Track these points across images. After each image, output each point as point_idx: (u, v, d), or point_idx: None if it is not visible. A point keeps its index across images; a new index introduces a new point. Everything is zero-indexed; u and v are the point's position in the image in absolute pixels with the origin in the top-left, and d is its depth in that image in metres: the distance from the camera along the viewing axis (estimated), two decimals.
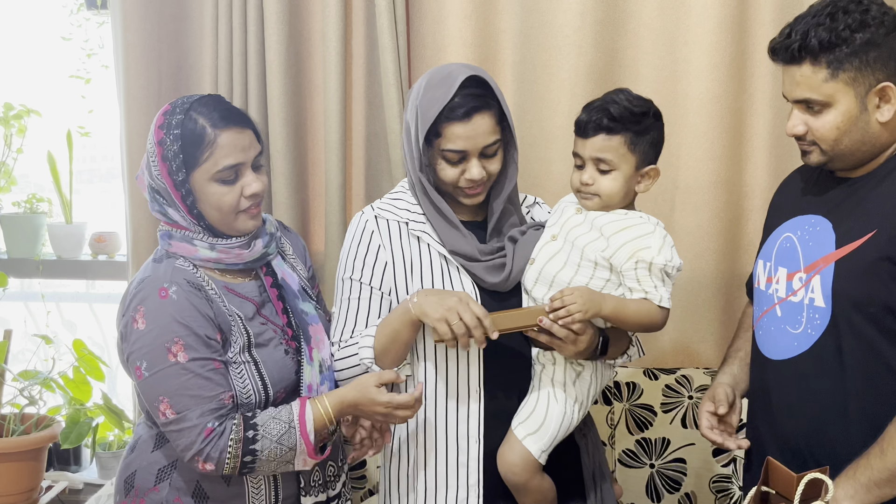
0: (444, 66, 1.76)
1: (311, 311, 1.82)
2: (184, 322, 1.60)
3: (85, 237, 3.03)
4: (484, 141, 1.69)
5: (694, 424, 2.38)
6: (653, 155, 1.72)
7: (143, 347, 1.61)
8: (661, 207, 2.45)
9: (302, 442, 1.62)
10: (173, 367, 1.59)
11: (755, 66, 2.39)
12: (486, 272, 1.76)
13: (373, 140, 2.59)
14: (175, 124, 1.63)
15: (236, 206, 1.66)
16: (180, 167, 1.63)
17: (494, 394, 1.77)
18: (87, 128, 3.03)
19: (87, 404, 2.76)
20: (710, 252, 2.45)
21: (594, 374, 1.77)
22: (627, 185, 1.71)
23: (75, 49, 3.00)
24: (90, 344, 2.93)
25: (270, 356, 1.71)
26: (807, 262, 1.59)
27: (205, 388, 1.60)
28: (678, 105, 2.42)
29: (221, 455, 1.59)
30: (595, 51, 2.41)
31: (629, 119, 1.67)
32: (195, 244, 1.68)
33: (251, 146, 1.68)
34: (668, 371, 2.43)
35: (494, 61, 2.50)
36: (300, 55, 2.60)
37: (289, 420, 1.63)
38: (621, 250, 1.67)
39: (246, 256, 1.72)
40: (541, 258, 1.75)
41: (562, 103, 2.44)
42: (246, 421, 1.61)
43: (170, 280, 1.63)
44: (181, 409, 1.59)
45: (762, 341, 1.69)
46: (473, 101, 1.67)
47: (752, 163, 2.43)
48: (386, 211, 1.83)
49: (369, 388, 1.65)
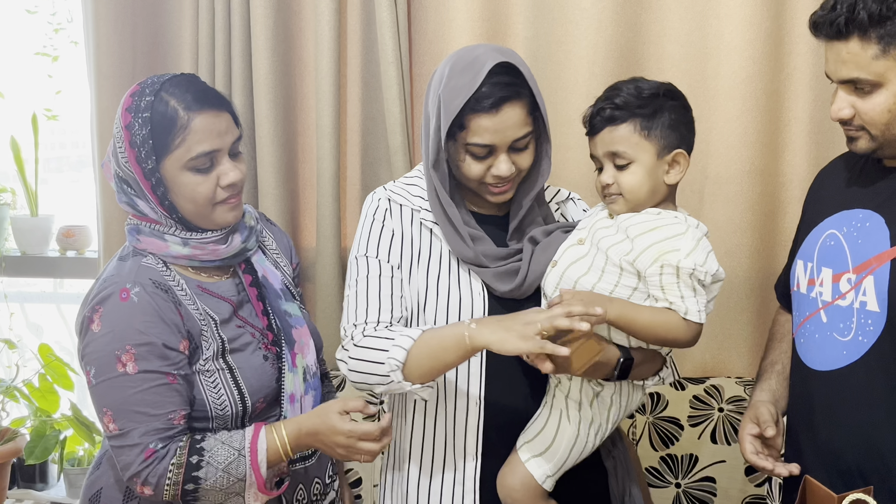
0: (470, 48, 1.72)
1: (294, 312, 1.81)
2: (140, 329, 1.58)
3: (52, 231, 3.03)
4: (514, 134, 1.66)
5: (725, 440, 2.37)
6: (676, 138, 1.68)
7: (94, 352, 1.60)
8: (690, 199, 2.43)
9: (252, 473, 1.61)
10: (120, 378, 1.58)
11: (794, 43, 2.36)
12: (495, 279, 1.74)
13: (369, 124, 2.57)
14: (144, 107, 1.61)
15: (212, 197, 1.65)
16: (150, 154, 1.61)
17: (497, 406, 1.75)
18: (55, 110, 3.03)
19: (54, 416, 2.75)
20: (743, 249, 2.43)
21: (617, 396, 1.73)
22: (652, 178, 1.67)
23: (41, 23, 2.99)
24: (58, 349, 2.92)
25: (247, 362, 1.69)
26: (856, 262, 1.56)
27: (152, 405, 1.58)
28: (708, 86, 2.40)
29: (160, 480, 1.58)
30: (616, 25, 2.39)
31: (635, 104, 1.65)
32: (166, 239, 1.66)
33: (228, 131, 1.65)
34: (696, 381, 2.42)
35: (505, 37, 2.48)
36: (289, 30, 2.58)
37: (239, 447, 1.61)
38: (646, 253, 1.63)
39: (222, 252, 1.70)
40: (563, 261, 1.72)
41: (579, 84, 2.42)
42: (192, 444, 1.60)
43: (133, 280, 1.62)
44: (124, 425, 1.58)
45: (804, 350, 1.66)
46: (503, 91, 1.63)
47: (790, 150, 2.41)
48: (399, 195, 1.81)
49: (330, 415, 1.61)
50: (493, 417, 1.74)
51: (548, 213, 1.83)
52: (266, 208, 2.56)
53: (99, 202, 2.68)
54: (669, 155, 1.67)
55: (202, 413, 1.64)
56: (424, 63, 2.55)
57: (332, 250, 2.54)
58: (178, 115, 1.60)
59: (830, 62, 1.55)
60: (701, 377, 2.43)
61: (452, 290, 1.74)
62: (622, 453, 1.87)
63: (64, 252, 3.00)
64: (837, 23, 1.50)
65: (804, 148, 2.39)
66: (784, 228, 2.43)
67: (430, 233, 1.78)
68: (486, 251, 1.75)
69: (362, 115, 2.58)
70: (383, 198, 1.81)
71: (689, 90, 2.40)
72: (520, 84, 1.66)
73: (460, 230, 1.73)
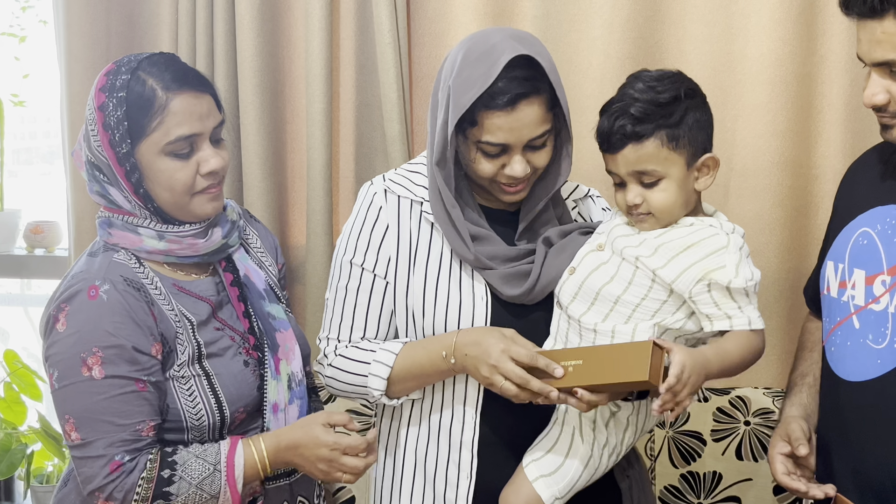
0: (486, 34, 1.70)
1: (279, 314, 1.81)
2: (109, 330, 1.59)
3: (19, 228, 3.03)
4: (530, 133, 1.66)
5: (751, 456, 2.37)
6: (703, 140, 1.66)
7: (58, 354, 1.61)
8: (714, 193, 2.42)
9: (227, 490, 1.61)
10: (85, 382, 1.58)
11: (827, 22, 2.36)
12: (502, 281, 1.73)
13: (364, 111, 2.57)
14: (119, 86, 1.62)
15: (191, 185, 1.65)
16: (124, 137, 1.61)
17: (493, 420, 1.75)
18: (22, 96, 3.03)
19: (20, 428, 2.75)
20: (772, 247, 2.43)
21: (634, 417, 1.72)
22: (685, 191, 1.66)
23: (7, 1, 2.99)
24: (25, 356, 2.93)
25: (226, 368, 1.70)
26: (891, 263, 1.56)
27: (119, 414, 1.59)
28: (734, 70, 2.40)
29: (127, 496, 1.58)
30: (633, 3, 2.39)
31: (657, 114, 1.61)
32: (140, 233, 1.67)
33: (210, 114, 1.66)
34: (719, 391, 2.42)
35: (511, 15, 2.48)
36: (277, 8, 2.59)
37: (215, 461, 1.61)
38: (687, 273, 1.61)
39: (202, 247, 1.70)
40: (583, 268, 1.70)
41: (593, 66, 2.42)
42: (163, 458, 1.60)
43: (103, 277, 1.62)
44: (87, 435, 1.58)
45: (835, 359, 1.66)
46: (520, 87, 1.62)
47: (823, 140, 2.41)
48: (398, 185, 1.80)
49: (314, 426, 1.63)
50: (489, 433, 1.75)
51: (564, 212, 1.82)
52: (251, 203, 2.56)
53: (70, 196, 2.69)
54: (699, 161, 1.66)
55: (176, 424, 1.65)
56: (424, 44, 2.55)
57: (323, 249, 2.54)
58: (155, 95, 1.61)
59: (863, 43, 1.55)
60: (725, 388, 2.43)
61: (452, 292, 1.74)
62: (638, 473, 1.87)
63: (32, 250, 3.00)
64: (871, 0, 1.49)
65: (838, 137, 2.38)
66: (816, 225, 2.42)
67: (430, 227, 1.77)
68: (494, 252, 1.74)
69: (356, 101, 2.58)
70: (379, 190, 1.80)
71: (713, 74, 2.42)
72: (539, 78, 1.64)
73: (460, 230, 1.72)
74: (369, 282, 1.77)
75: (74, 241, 2.70)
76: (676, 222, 1.68)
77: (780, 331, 2.46)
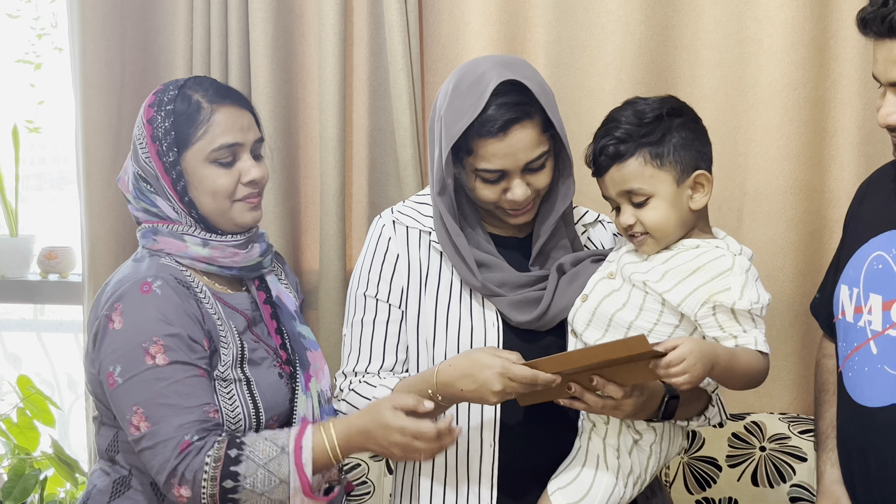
0: (475, 63, 1.73)
1: (309, 335, 1.86)
2: (166, 320, 1.63)
3: (33, 253, 3.04)
4: (526, 157, 1.67)
5: (767, 482, 2.36)
6: (692, 158, 1.66)
7: (117, 350, 1.63)
8: (727, 218, 2.43)
9: (296, 474, 1.59)
10: (150, 370, 1.61)
11: (840, 47, 2.37)
12: (511, 308, 1.74)
13: (377, 136, 2.59)
14: (167, 101, 1.71)
15: (232, 192, 1.72)
16: (171, 146, 1.69)
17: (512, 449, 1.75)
18: (37, 122, 3.05)
19: (33, 454, 2.75)
20: (787, 271, 2.43)
21: (657, 445, 1.72)
22: (677, 208, 1.66)
23: (23, 28, 3.02)
24: (38, 381, 2.94)
25: (264, 377, 1.74)
26: None
27: (186, 396, 1.61)
28: (746, 94, 2.41)
29: (197, 475, 1.58)
30: (645, 28, 2.40)
31: (639, 133, 1.64)
32: (185, 240, 1.72)
33: (250, 128, 1.75)
34: (735, 416, 2.41)
35: (524, 41, 2.49)
36: (291, 35, 2.61)
37: (283, 444, 1.61)
38: (693, 296, 1.62)
39: (241, 260, 1.76)
40: (595, 295, 1.72)
41: (605, 92, 2.43)
42: (232, 438, 1.61)
43: (154, 275, 1.67)
44: (156, 420, 1.60)
45: (853, 385, 1.66)
46: (510, 112, 1.64)
47: (837, 164, 2.41)
48: (406, 216, 1.83)
49: (383, 412, 1.60)
50: (509, 462, 1.75)
51: (574, 237, 1.83)
52: (265, 227, 2.54)
53: (84, 221, 2.70)
54: (689, 178, 1.66)
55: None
56: (437, 70, 2.56)
57: (337, 274, 2.55)
58: (201, 106, 1.70)
59: (879, 62, 1.55)
60: (741, 413, 2.43)
61: (464, 319, 1.76)
62: (662, 502, 1.86)
63: (46, 275, 3.01)
64: (890, 19, 1.49)
65: (852, 161, 2.39)
66: (830, 250, 2.39)
67: (440, 256, 1.79)
68: (503, 279, 1.75)
69: (370, 126, 2.59)
70: (388, 222, 1.83)
71: (726, 99, 2.43)
72: (529, 102, 1.66)
73: (466, 258, 1.73)
74: (385, 312, 1.80)
75: (88, 267, 2.70)
76: (677, 242, 1.68)
77: (795, 355, 2.45)
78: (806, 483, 2.30)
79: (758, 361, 1.64)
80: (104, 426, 1.77)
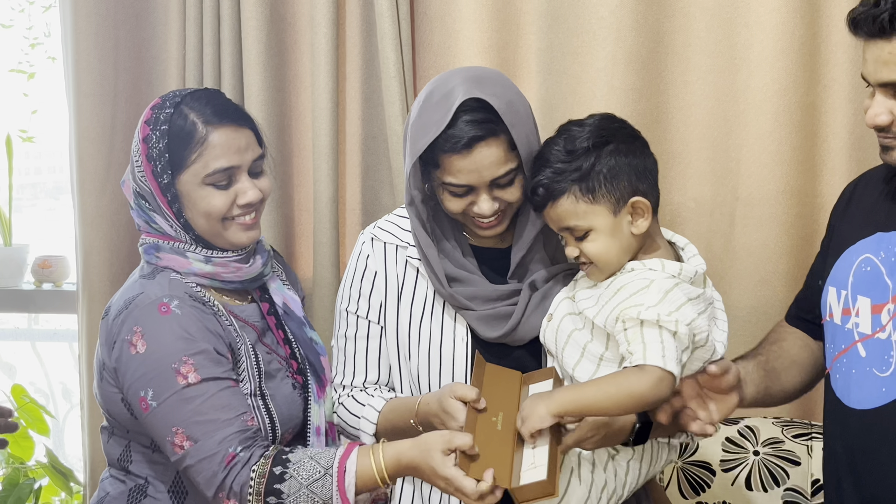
0: (447, 77, 1.73)
1: (319, 340, 1.88)
2: (191, 337, 1.63)
3: (27, 262, 3.04)
4: (492, 174, 1.67)
5: (761, 486, 2.36)
6: (628, 185, 1.62)
7: (146, 374, 1.62)
8: (719, 223, 2.44)
9: (338, 496, 1.57)
10: (184, 390, 1.60)
11: (831, 52, 2.38)
12: (481, 323, 1.75)
13: (370, 144, 2.60)
14: (163, 119, 1.68)
15: (225, 212, 1.69)
16: (165, 168, 1.67)
17: None
18: (30, 132, 3.06)
19: (28, 463, 2.76)
20: (778, 276, 2.43)
21: (635, 462, 1.70)
22: (618, 237, 1.64)
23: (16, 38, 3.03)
24: (32, 391, 2.94)
25: (278, 389, 1.75)
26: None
27: (223, 409, 1.61)
28: (738, 99, 2.41)
29: (243, 489, 1.58)
30: (637, 35, 2.41)
31: (568, 170, 1.61)
32: (188, 256, 1.72)
33: (248, 148, 1.72)
34: (729, 421, 2.41)
35: (516, 48, 2.50)
36: (283, 43, 2.62)
37: (327, 465, 1.59)
38: (611, 315, 1.60)
39: (244, 273, 1.76)
40: (558, 314, 1.73)
41: (597, 98, 2.43)
42: (279, 454, 1.60)
43: (169, 294, 1.67)
44: (198, 437, 1.59)
45: (841, 387, 1.66)
46: (475, 130, 1.63)
47: (829, 168, 2.41)
48: (385, 231, 1.85)
49: (433, 454, 1.56)
50: None
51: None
52: None
53: (78, 230, 2.70)
54: (626, 205, 1.64)
55: None
56: (429, 77, 2.55)
57: (331, 281, 2.56)
58: (196, 128, 1.67)
59: (869, 63, 1.55)
60: (734, 417, 2.43)
61: (434, 333, 1.78)
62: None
63: (40, 284, 3.01)
64: (881, 19, 1.49)
65: (843, 165, 2.39)
66: None
67: (416, 272, 1.81)
68: (474, 293, 1.76)
69: (363, 134, 2.60)
70: (366, 239, 1.86)
71: (717, 104, 2.43)
72: (496, 120, 1.65)
73: (435, 269, 1.75)
74: (365, 328, 1.83)
75: (83, 276, 2.71)
76: (622, 268, 1.66)
77: None
78: (800, 487, 2.31)
79: (623, 387, 1.53)
80: (114, 436, 1.77)
